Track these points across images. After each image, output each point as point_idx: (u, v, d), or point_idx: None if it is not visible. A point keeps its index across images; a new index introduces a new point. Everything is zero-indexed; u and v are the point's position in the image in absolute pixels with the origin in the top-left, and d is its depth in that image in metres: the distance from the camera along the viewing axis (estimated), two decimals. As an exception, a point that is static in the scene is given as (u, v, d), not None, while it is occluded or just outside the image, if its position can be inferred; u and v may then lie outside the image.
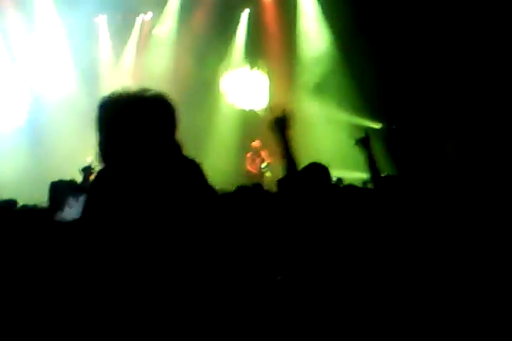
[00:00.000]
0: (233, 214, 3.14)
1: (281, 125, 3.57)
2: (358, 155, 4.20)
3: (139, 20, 12.29)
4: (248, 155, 10.95)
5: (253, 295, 2.09)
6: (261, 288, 2.19)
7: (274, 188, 4.69)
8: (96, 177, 1.89)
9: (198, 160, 1.87)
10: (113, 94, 1.88)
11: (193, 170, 1.84)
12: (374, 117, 10.94)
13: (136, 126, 1.80)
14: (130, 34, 12.18)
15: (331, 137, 10.57)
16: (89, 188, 1.98)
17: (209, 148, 10.85)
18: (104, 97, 1.88)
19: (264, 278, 2.27)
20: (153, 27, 12.24)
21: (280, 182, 3.85)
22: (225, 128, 11.31)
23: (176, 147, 1.86)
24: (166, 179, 1.78)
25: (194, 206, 1.78)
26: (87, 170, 5.06)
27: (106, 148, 1.84)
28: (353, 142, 4.17)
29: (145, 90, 1.88)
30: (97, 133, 1.86)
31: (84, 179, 4.90)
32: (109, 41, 12.06)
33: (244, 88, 11.56)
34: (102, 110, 1.86)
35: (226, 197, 3.56)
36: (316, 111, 10.82)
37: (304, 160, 3.67)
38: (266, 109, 11.37)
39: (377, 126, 10.93)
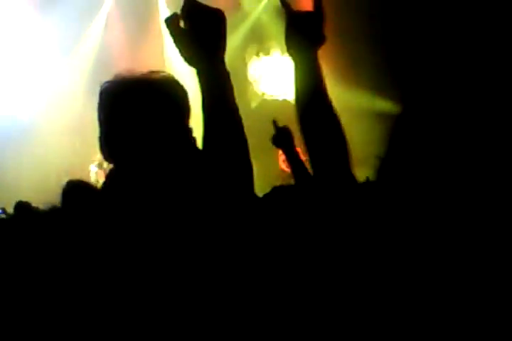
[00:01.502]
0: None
1: (284, 139, 3.50)
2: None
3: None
4: (281, 152, 9.37)
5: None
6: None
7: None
8: (107, 180, 1.81)
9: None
10: (116, 77, 1.76)
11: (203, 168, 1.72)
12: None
13: (144, 113, 1.71)
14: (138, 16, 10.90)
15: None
16: (102, 192, 1.93)
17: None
18: (106, 82, 1.76)
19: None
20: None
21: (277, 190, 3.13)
22: (252, 122, 9.88)
23: (189, 138, 1.76)
24: (179, 178, 1.70)
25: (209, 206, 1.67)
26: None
27: (110, 140, 1.75)
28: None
29: (152, 72, 1.77)
30: (99, 123, 1.76)
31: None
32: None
33: (276, 75, 10.73)
34: (104, 96, 1.76)
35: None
36: (353, 100, 9.49)
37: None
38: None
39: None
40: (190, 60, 1.65)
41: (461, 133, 1.67)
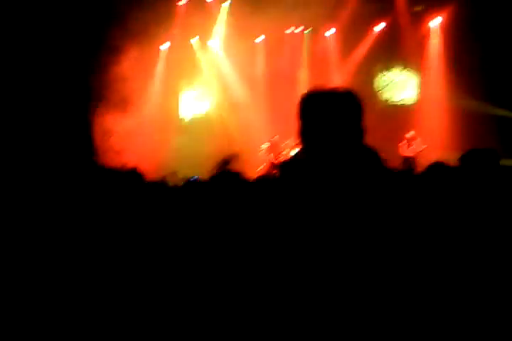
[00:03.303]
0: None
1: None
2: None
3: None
4: (401, 144, 11.72)
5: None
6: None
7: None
8: (293, 159, 2.19)
9: (373, 148, 1.98)
10: (312, 90, 2.02)
11: (372, 156, 1.95)
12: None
13: (331, 116, 1.94)
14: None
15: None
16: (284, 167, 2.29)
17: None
18: (305, 94, 2.02)
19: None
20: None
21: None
22: (378, 121, 12.04)
23: (360, 135, 1.96)
24: (350, 164, 1.90)
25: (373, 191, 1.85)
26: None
27: (305, 134, 1.98)
28: None
29: (337, 87, 2.03)
30: (300, 122, 2.00)
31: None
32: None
33: (396, 85, 12.94)
34: (305, 103, 2.00)
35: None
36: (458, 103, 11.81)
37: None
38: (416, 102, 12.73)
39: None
40: None
41: None
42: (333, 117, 1.91)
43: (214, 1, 13.21)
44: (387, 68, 13.09)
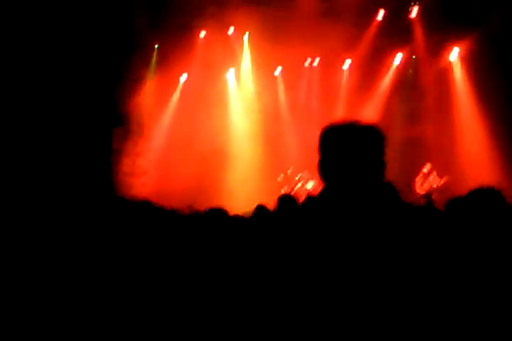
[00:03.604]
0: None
1: None
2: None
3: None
4: (417, 179, 11.59)
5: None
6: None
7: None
8: (319, 195, 2.02)
9: (391, 182, 1.99)
10: (333, 124, 2.02)
11: (390, 191, 1.95)
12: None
13: (353, 150, 1.93)
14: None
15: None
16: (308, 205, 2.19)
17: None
18: (327, 127, 2.01)
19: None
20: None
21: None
22: (396, 151, 11.58)
23: (381, 170, 1.96)
24: (370, 199, 1.91)
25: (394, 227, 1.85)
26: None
27: (326, 168, 1.97)
28: None
29: (358, 121, 2.01)
30: (321, 156, 2.00)
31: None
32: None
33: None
34: (326, 137, 1.99)
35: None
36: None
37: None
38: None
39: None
40: None
41: None
42: (355, 152, 1.91)
43: (234, 33, 13.47)
44: (406, 100, 13.10)
